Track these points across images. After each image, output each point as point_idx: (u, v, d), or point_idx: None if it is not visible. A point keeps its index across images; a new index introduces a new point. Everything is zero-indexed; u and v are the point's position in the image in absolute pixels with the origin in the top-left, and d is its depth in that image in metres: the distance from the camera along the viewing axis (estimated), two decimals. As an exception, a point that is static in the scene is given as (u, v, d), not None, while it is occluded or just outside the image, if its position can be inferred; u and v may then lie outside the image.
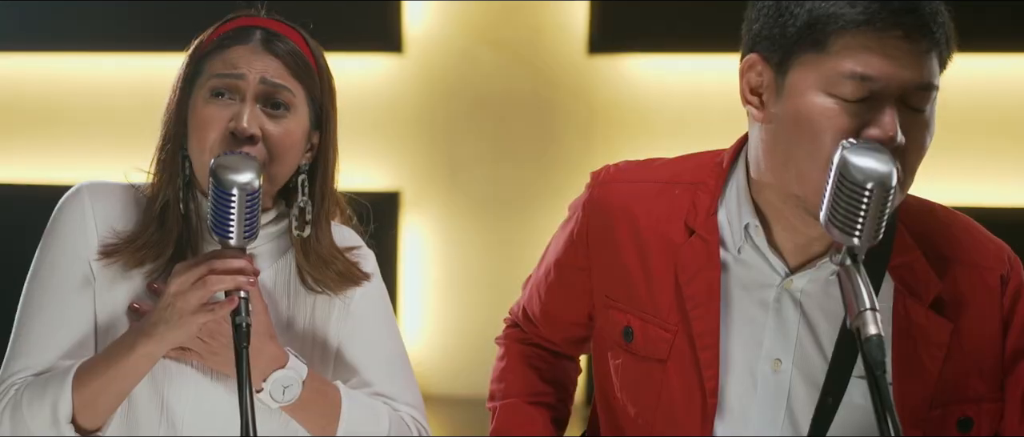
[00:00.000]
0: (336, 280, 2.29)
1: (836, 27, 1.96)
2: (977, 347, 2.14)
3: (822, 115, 1.97)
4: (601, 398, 2.36)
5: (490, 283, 5.35)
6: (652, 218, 2.22)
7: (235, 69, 2.17)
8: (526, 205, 5.35)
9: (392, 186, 5.42)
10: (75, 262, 2.21)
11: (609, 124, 5.29)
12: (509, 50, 5.37)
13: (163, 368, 2.19)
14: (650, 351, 2.21)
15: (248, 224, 2.07)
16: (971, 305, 2.14)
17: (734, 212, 2.17)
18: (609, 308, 2.26)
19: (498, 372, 2.50)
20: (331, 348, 2.32)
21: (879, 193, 1.85)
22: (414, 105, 5.45)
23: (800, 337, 2.14)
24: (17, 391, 2.15)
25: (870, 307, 1.84)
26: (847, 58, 1.96)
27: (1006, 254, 2.19)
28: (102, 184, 2.27)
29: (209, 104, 2.17)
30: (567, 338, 2.44)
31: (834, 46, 1.97)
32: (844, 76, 1.96)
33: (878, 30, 1.95)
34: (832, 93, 1.97)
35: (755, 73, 2.07)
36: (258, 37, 2.20)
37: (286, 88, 2.19)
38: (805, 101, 1.99)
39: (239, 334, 2.03)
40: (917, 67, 1.96)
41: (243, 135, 2.14)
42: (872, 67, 1.95)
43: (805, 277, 2.13)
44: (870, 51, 1.95)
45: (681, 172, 2.25)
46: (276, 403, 2.18)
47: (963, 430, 2.13)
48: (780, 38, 2.02)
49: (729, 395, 2.16)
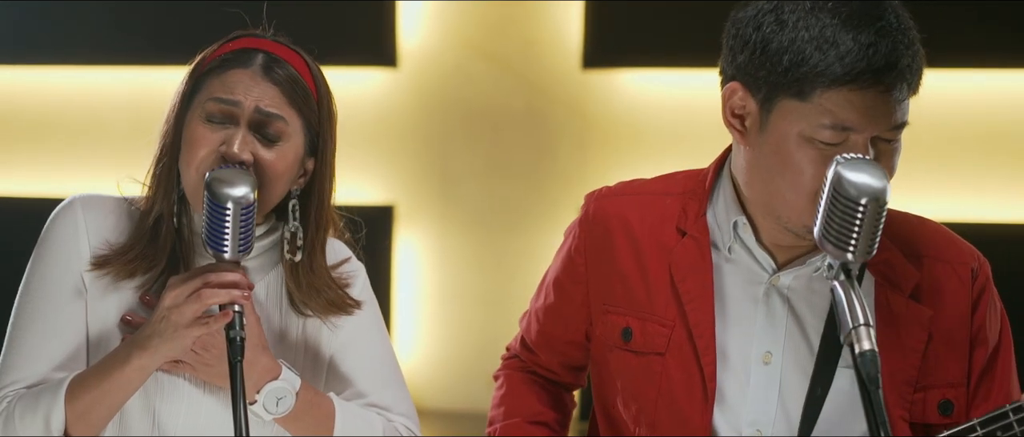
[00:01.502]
0: (325, 307, 2.29)
1: (820, 84, 2.05)
2: (952, 333, 2.23)
3: (803, 158, 2.07)
4: (601, 410, 2.39)
5: (484, 297, 5.34)
6: (646, 224, 2.30)
7: (231, 95, 2.17)
8: (520, 219, 5.34)
9: (386, 200, 5.41)
10: (67, 274, 2.20)
11: (604, 138, 5.29)
12: (503, 64, 5.36)
13: (155, 381, 2.18)
14: (649, 346, 2.27)
15: (243, 238, 2.08)
16: (945, 293, 2.24)
17: (722, 213, 2.25)
18: (607, 313, 2.32)
19: (497, 399, 2.53)
20: (323, 360, 2.32)
21: (873, 209, 1.88)
22: (408, 119, 5.44)
23: (789, 331, 2.22)
24: (9, 403, 2.15)
25: (864, 323, 1.86)
26: (827, 112, 2.05)
27: (976, 253, 2.30)
28: (94, 197, 2.27)
29: (203, 125, 2.17)
30: (564, 362, 2.48)
31: (816, 98, 2.06)
32: (824, 126, 2.05)
33: (860, 87, 2.04)
34: (812, 138, 2.06)
35: (738, 99, 2.16)
36: (259, 62, 2.20)
37: (281, 118, 2.18)
38: (787, 143, 2.09)
39: (233, 348, 2.04)
40: (893, 113, 2.07)
41: (233, 160, 2.14)
42: (851, 120, 2.05)
43: (791, 274, 2.21)
44: (851, 105, 2.04)
45: (670, 184, 2.34)
46: (270, 415, 2.18)
47: (944, 412, 2.22)
48: (764, 79, 2.10)
49: (724, 387, 2.23)
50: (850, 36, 2.04)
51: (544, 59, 5.34)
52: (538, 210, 5.28)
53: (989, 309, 2.27)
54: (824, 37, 2.04)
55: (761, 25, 2.10)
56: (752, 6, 2.15)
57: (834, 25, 2.05)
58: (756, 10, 2.13)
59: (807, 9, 2.08)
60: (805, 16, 2.07)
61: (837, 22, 2.05)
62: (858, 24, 2.04)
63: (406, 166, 5.46)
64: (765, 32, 2.09)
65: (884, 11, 2.07)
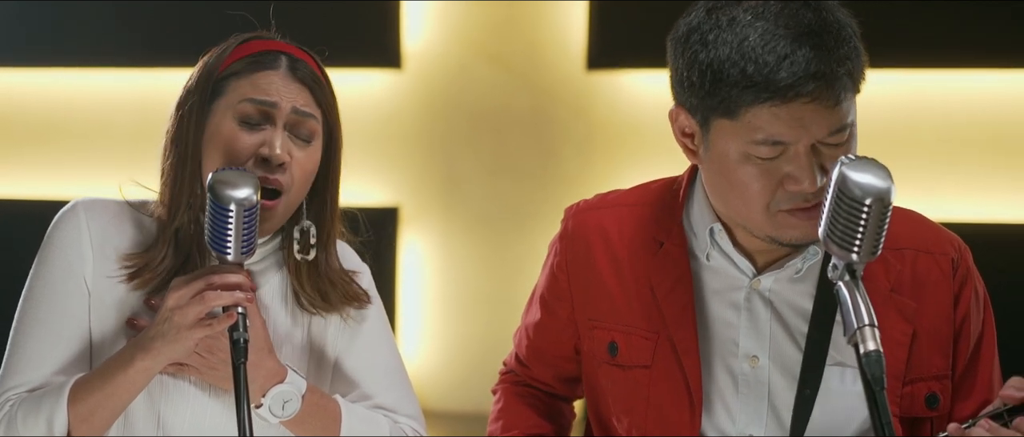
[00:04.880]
0: (339, 301, 2.30)
1: (743, 102, 2.02)
2: (936, 326, 2.23)
3: (746, 175, 2.08)
4: (596, 423, 2.40)
5: (488, 298, 5.34)
6: (624, 237, 2.31)
7: (268, 96, 2.18)
8: (525, 220, 5.34)
9: (390, 201, 5.41)
10: (70, 278, 2.20)
11: (608, 140, 5.28)
12: (508, 66, 5.36)
13: (160, 383, 2.18)
14: (635, 359, 2.27)
15: (246, 240, 2.07)
16: (928, 286, 2.23)
17: (698, 221, 2.25)
18: (594, 328, 2.33)
19: (495, 413, 2.53)
20: (329, 361, 2.32)
21: (878, 209, 1.87)
22: (413, 121, 5.44)
23: (773, 333, 2.22)
24: (12, 407, 2.15)
25: (869, 323, 1.85)
26: (757, 124, 2.03)
27: (957, 242, 2.29)
28: (98, 201, 2.26)
29: (236, 127, 2.18)
30: (558, 375, 2.48)
31: (744, 116, 2.04)
32: (757, 143, 2.04)
33: (783, 100, 2.01)
34: (749, 155, 2.06)
35: (683, 120, 2.15)
36: (285, 63, 2.21)
37: (314, 117, 2.21)
38: (727, 162, 2.09)
39: (237, 350, 2.03)
40: (827, 119, 2.03)
41: (277, 162, 2.15)
42: (782, 133, 2.03)
43: (771, 277, 2.21)
44: (778, 119, 2.02)
45: (646, 195, 2.35)
46: (276, 418, 2.18)
47: (931, 406, 2.23)
48: (696, 101, 2.09)
49: (712, 394, 2.24)
50: (768, 48, 2.00)
51: (548, 60, 5.34)
52: (543, 211, 5.27)
53: (972, 299, 2.26)
54: (742, 53, 2.01)
55: (690, 43, 2.09)
56: (684, 22, 2.12)
57: (753, 39, 2.01)
58: (687, 27, 2.11)
59: (727, 23, 2.05)
60: (726, 30, 2.04)
61: (755, 35, 2.01)
62: (776, 34, 2.01)
63: (411, 167, 5.45)
64: (691, 52, 2.08)
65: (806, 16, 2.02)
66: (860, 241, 1.88)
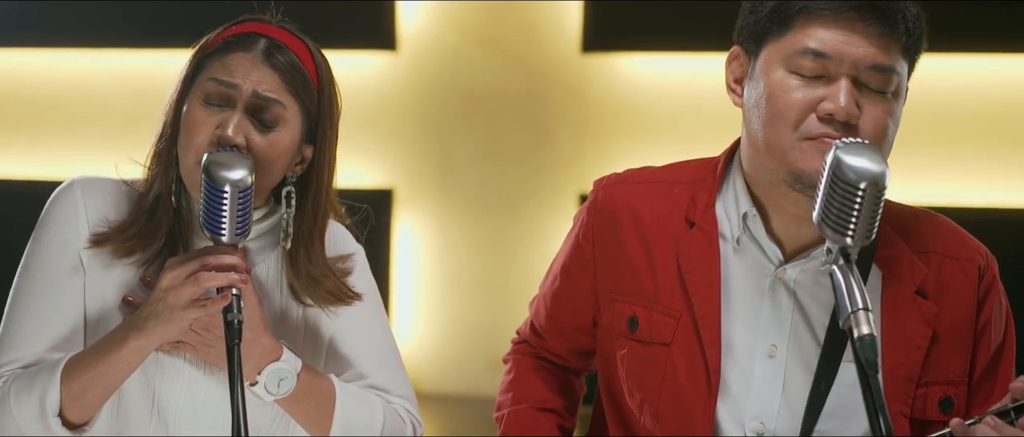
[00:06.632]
0: (324, 298, 2.30)
1: (797, 8, 2.11)
2: (956, 331, 2.24)
3: (782, 89, 2.13)
4: (607, 397, 2.40)
5: (482, 280, 5.35)
6: (655, 214, 2.31)
7: (231, 78, 2.17)
8: (519, 203, 5.35)
9: (385, 184, 5.42)
10: (66, 255, 2.21)
11: (602, 123, 5.29)
12: (503, 48, 5.36)
13: (155, 361, 2.19)
14: (655, 335, 2.28)
15: (240, 221, 2.07)
16: (952, 291, 2.24)
17: (732, 204, 2.26)
18: (614, 302, 2.33)
19: (505, 384, 2.53)
20: (323, 341, 2.33)
21: (872, 193, 1.88)
22: (407, 103, 5.45)
23: (794, 324, 2.22)
24: (5, 383, 2.15)
25: (863, 307, 1.86)
26: (804, 36, 2.11)
27: (983, 250, 2.30)
28: (94, 179, 2.27)
29: (200, 107, 2.17)
30: (573, 348, 2.48)
31: (795, 25, 2.12)
32: (800, 53, 2.11)
33: (835, 11, 2.09)
34: (792, 70, 2.12)
35: (737, 64, 2.23)
36: (261, 46, 2.19)
37: (278, 103, 2.18)
38: (770, 79, 2.14)
39: (231, 331, 2.03)
40: (870, 46, 2.10)
41: (227, 143, 2.13)
42: (826, 44, 2.10)
43: (797, 267, 2.21)
44: (825, 28, 2.10)
45: (680, 173, 2.35)
46: (271, 396, 2.19)
47: (944, 410, 2.23)
48: (754, 26, 2.17)
49: (729, 379, 2.23)
50: None
51: (543, 43, 5.35)
52: (537, 194, 5.28)
53: (995, 308, 2.27)
54: None
55: None
56: None
57: None
58: None
59: None
60: None
61: None
62: None
63: (405, 150, 5.46)
64: None
65: None
66: (855, 225, 1.89)
